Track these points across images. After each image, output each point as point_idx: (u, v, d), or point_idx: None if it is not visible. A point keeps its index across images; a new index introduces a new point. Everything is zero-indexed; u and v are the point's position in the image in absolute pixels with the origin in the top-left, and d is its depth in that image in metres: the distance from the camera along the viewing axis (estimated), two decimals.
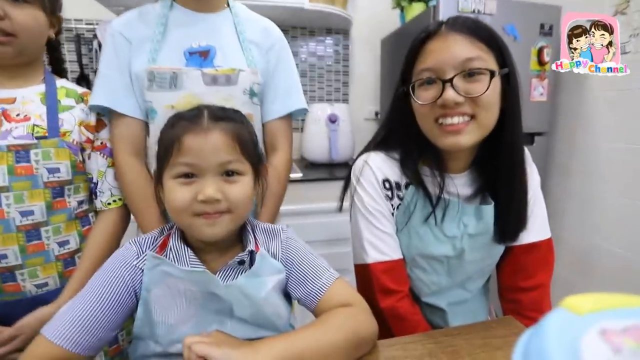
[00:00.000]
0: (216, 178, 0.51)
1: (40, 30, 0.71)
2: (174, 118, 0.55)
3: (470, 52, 0.57)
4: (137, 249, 0.55)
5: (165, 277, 0.52)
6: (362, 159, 0.73)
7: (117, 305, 0.51)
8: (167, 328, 0.52)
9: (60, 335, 0.47)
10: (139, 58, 0.76)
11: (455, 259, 0.70)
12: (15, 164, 0.66)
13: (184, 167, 0.50)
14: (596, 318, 0.20)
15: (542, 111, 1.60)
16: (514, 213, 0.67)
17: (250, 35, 0.83)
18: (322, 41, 2.02)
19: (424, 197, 0.67)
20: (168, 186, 0.52)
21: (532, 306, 0.71)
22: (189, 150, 0.50)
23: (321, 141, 1.74)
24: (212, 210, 0.50)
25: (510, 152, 0.64)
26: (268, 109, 0.85)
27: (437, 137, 0.62)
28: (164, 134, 0.54)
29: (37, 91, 0.73)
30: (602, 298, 0.23)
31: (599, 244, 1.54)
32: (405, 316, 0.68)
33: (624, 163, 1.43)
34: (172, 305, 0.52)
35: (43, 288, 0.71)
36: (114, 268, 0.53)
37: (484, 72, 0.57)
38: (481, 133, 0.61)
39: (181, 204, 0.50)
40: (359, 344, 0.52)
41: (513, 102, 0.61)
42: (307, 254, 0.59)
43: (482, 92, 0.57)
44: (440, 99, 0.58)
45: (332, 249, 1.53)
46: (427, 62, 0.60)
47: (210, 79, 0.76)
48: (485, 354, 0.53)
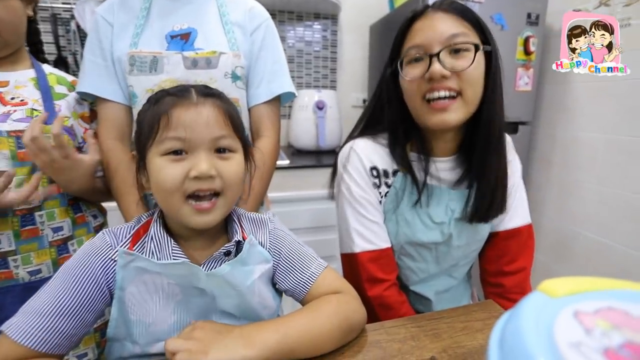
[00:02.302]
0: (209, 154, 0.47)
1: (21, 19, 0.71)
2: (159, 94, 0.50)
3: (455, 29, 0.60)
4: (111, 239, 0.49)
5: (141, 274, 0.48)
6: (348, 146, 0.72)
7: (88, 303, 0.46)
8: (145, 327, 0.48)
9: (24, 334, 0.42)
10: (121, 42, 0.75)
11: (443, 245, 0.71)
12: (17, 150, 0.66)
13: (174, 142, 0.46)
14: (570, 300, 0.21)
15: (526, 101, 1.63)
16: (493, 191, 0.67)
17: (234, 17, 0.80)
18: (310, 26, 1.98)
19: (411, 183, 0.68)
20: (155, 165, 0.47)
21: (515, 289, 0.74)
22: (179, 124, 0.46)
23: (308, 128, 1.73)
24: (205, 186, 0.47)
25: (489, 126, 0.64)
26: (253, 93, 0.83)
27: (424, 115, 0.63)
28: (147, 112, 0.49)
29: (29, 76, 0.74)
30: (576, 281, 0.24)
31: (577, 231, 1.60)
32: (393, 305, 0.69)
33: (601, 153, 1.48)
34: (150, 303, 0.48)
35: (36, 275, 0.70)
36: (86, 260, 0.47)
37: (468, 47, 0.60)
38: (467, 110, 0.62)
39: (172, 183, 0.46)
40: (350, 330, 0.52)
41: (495, 81, 0.63)
42: (295, 243, 0.58)
43: (467, 66, 0.59)
44: (428, 73, 0.60)
45: (319, 236, 1.54)
46: (414, 40, 0.62)
47: (191, 62, 0.74)
48: (466, 335, 0.55)
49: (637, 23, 1.30)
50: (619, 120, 1.40)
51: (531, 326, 0.19)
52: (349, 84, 2.09)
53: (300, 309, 0.51)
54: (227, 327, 0.46)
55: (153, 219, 0.52)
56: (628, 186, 1.38)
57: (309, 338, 0.47)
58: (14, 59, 0.73)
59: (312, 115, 1.72)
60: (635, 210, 1.36)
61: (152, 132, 0.47)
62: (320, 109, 1.70)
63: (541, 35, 1.56)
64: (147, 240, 0.50)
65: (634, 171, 1.36)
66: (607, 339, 0.17)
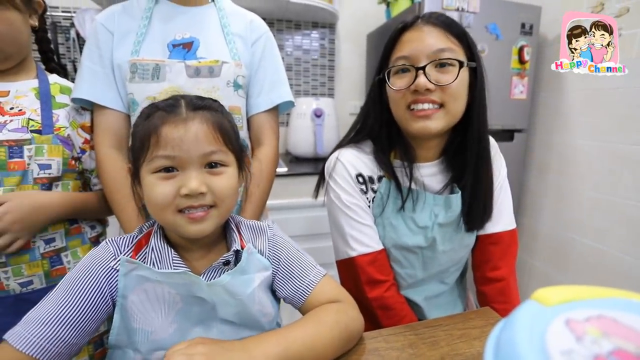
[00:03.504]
0: (199, 170, 0.48)
1: (19, 31, 0.70)
2: (149, 109, 0.51)
3: (442, 44, 0.62)
4: (114, 249, 0.50)
5: (143, 282, 0.48)
6: (334, 156, 0.75)
7: (91, 311, 0.46)
8: (147, 335, 0.48)
9: (26, 342, 0.42)
10: (121, 50, 0.76)
11: (428, 250, 0.72)
12: (8, 159, 0.66)
13: (164, 161, 0.47)
14: (562, 309, 0.22)
15: (521, 109, 1.65)
16: (480, 201, 0.70)
17: (235, 28, 0.82)
18: (307, 35, 2.01)
19: (396, 188, 0.70)
20: (147, 182, 0.48)
21: (499, 298, 0.74)
22: (167, 142, 0.46)
23: (306, 135, 1.74)
24: (197, 204, 0.47)
25: (476, 142, 0.68)
26: (253, 102, 0.84)
27: (408, 121, 0.66)
28: (139, 127, 0.50)
29: (31, 86, 0.73)
30: (570, 290, 0.24)
31: (573, 238, 1.61)
32: (393, 305, 0.70)
33: (596, 160, 1.49)
34: (151, 311, 0.49)
35: (28, 287, 0.69)
36: (89, 270, 0.48)
37: (453, 63, 0.62)
38: (448, 120, 0.65)
39: (163, 200, 0.47)
40: (350, 339, 0.52)
41: (479, 95, 0.66)
42: (294, 251, 0.58)
43: (451, 81, 0.61)
44: (413, 85, 0.62)
45: (318, 243, 1.54)
46: (403, 51, 0.65)
47: (193, 71, 0.75)
48: (464, 343, 0.55)
49: (628, 33, 1.33)
50: (612, 128, 1.42)
51: (525, 335, 0.20)
52: (347, 92, 2.11)
53: (300, 320, 0.51)
54: (229, 342, 0.46)
55: (153, 230, 0.53)
56: (622, 193, 1.40)
57: (311, 349, 0.47)
58: (17, 69, 0.73)
59: (310, 123, 1.73)
60: (628, 216, 1.38)
61: (144, 149, 0.48)
62: (318, 117, 1.72)
63: (535, 45, 1.59)
64: (148, 250, 0.51)
65: (627, 178, 1.38)
66: (597, 346, 0.18)
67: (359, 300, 0.58)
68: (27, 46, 0.74)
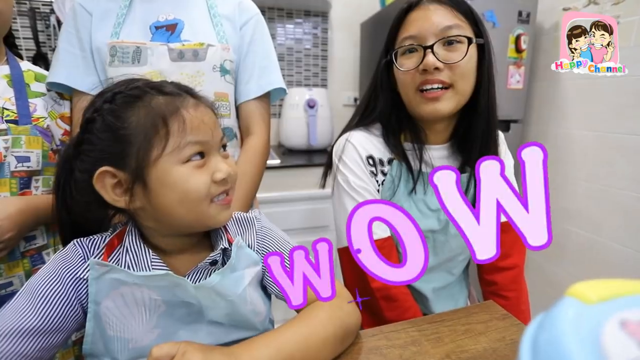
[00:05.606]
0: (220, 154, 0.46)
1: (11, 10, 0.67)
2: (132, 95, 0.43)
3: (449, 21, 0.61)
4: (83, 252, 0.45)
5: (118, 286, 0.43)
6: (343, 138, 0.73)
7: (57, 322, 0.41)
8: (125, 343, 0.43)
9: None
10: (100, 31, 0.71)
11: (440, 234, 0.71)
12: None
13: (196, 147, 0.42)
14: (610, 308, 0.19)
15: (518, 99, 1.62)
16: None
17: (222, 10, 0.77)
18: (300, 24, 1.95)
19: (407, 171, 0.69)
20: (179, 175, 0.41)
21: (510, 286, 0.74)
22: (194, 127, 0.42)
23: (299, 127, 1.70)
24: (227, 188, 0.46)
25: (484, 117, 0.66)
26: (242, 89, 0.80)
27: (417, 104, 0.64)
28: (133, 117, 0.41)
29: (3, 72, 0.68)
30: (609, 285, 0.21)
31: (568, 229, 1.60)
32: (397, 296, 0.68)
33: (591, 150, 1.48)
34: (130, 318, 0.43)
35: (7, 288, 0.65)
36: (54, 275, 0.42)
37: (462, 40, 0.61)
38: (458, 100, 0.64)
39: (205, 190, 0.43)
40: (346, 336, 0.49)
41: (488, 72, 0.65)
42: (284, 242, 0.55)
43: (460, 59, 0.60)
44: (422, 64, 0.61)
45: (312, 236, 1.51)
46: (409, 31, 0.63)
47: (177, 54, 0.71)
48: (469, 339, 0.52)
49: (626, 21, 1.31)
50: (608, 118, 1.41)
51: (573, 338, 0.16)
52: (340, 82, 2.07)
53: (292, 319, 0.47)
54: (217, 348, 0.41)
55: (127, 229, 0.47)
56: (616, 182, 1.39)
57: (304, 349, 0.43)
58: None
59: (303, 114, 1.69)
60: (623, 206, 1.37)
61: (161, 139, 0.41)
62: (311, 108, 1.67)
63: (532, 33, 1.56)
64: (122, 251, 0.45)
65: (621, 168, 1.37)
66: None
67: (362, 290, 0.55)
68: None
